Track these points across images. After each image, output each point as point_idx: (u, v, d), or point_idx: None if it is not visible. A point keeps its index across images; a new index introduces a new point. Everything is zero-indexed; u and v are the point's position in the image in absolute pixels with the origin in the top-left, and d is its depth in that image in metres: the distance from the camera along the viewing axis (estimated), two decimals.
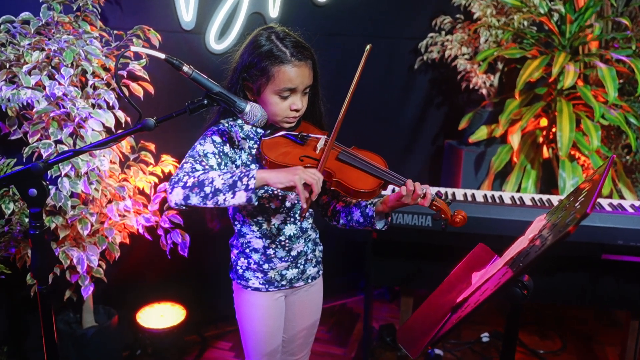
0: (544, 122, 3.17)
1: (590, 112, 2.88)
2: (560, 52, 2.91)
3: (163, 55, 1.30)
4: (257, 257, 1.62)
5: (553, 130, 3.08)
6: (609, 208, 2.31)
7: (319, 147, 1.52)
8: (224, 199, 1.32)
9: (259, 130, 1.56)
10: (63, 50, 1.98)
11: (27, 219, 2.00)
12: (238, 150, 1.53)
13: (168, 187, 1.36)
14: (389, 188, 2.35)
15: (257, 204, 1.34)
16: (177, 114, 1.35)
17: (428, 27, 3.29)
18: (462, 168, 3.28)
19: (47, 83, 1.97)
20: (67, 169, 1.96)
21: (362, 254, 3.22)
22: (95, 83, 2.12)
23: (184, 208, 1.36)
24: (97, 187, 2.06)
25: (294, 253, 1.63)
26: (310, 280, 1.72)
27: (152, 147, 2.33)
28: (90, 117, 2.01)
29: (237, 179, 1.32)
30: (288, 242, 1.61)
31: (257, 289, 1.64)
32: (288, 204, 1.57)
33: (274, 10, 2.74)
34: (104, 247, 2.15)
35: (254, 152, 1.54)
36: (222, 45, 2.65)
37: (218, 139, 1.49)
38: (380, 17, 3.14)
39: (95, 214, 2.09)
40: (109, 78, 2.16)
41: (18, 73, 1.96)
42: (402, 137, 3.52)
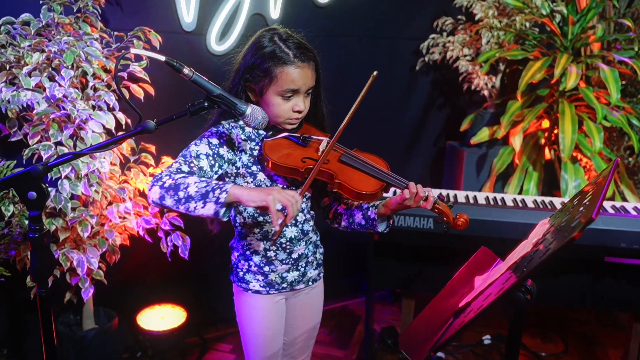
0: (546, 123, 3.16)
1: (593, 113, 2.86)
2: (563, 53, 2.90)
3: (163, 58, 1.30)
4: (257, 259, 1.61)
5: (555, 132, 3.07)
6: (612, 210, 2.29)
7: (321, 148, 1.51)
8: (195, 207, 1.29)
9: (261, 132, 1.55)
10: (63, 52, 1.97)
11: (27, 221, 1.98)
12: (238, 152, 1.52)
13: (149, 183, 1.36)
14: (391, 190, 2.34)
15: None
16: (177, 117, 1.34)
17: (429, 28, 3.28)
18: (463, 170, 3.27)
19: (47, 85, 1.96)
20: (67, 171, 1.95)
21: (363, 256, 3.21)
22: (96, 85, 2.12)
23: (160, 207, 1.34)
24: (97, 189, 2.06)
25: (295, 255, 1.62)
26: (311, 283, 1.71)
27: (152, 148, 2.32)
28: (91, 118, 2.01)
29: (210, 190, 1.29)
30: (289, 244, 1.60)
31: (257, 292, 1.63)
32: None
33: (275, 12, 2.74)
34: (104, 249, 2.14)
35: (256, 153, 1.53)
36: (223, 47, 2.64)
37: (215, 141, 1.48)
38: (382, 17, 3.13)
39: (96, 216, 2.09)
40: (110, 79, 2.15)
41: (18, 74, 1.95)
42: (403, 138, 3.51)
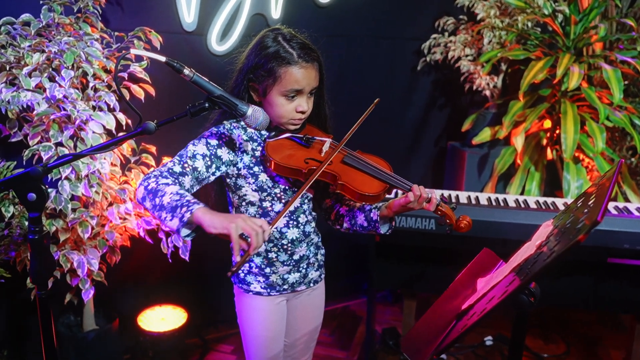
0: (548, 123, 3.14)
1: (595, 113, 2.85)
2: (565, 53, 2.89)
3: (164, 58, 1.29)
4: (258, 260, 1.60)
5: (557, 132, 3.06)
6: (615, 211, 2.28)
7: (324, 149, 1.51)
8: (165, 217, 1.28)
9: (263, 133, 1.54)
10: (63, 52, 1.97)
11: (27, 223, 1.98)
12: (239, 153, 1.51)
13: (140, 179, 1.35)
14: (393, 192, 2.33)
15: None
16: (177, 118, 1.33)
17: (431, 28, 3.27)
18: (465, 170, 3.25)
19: (47, 85, 1.95)
20: (67, 172, 1.95)
21: (364, 256, 3.19)
22: (96, 85, 2.11)
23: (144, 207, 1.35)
24: (97, 189, 2.05)
25: (296, 257, 1.61)
26: (312, 284, 1.70)
27: (153, 149, 2.31)
28: (91, 119, 2.00)
29: (179, 205, 1.26)
30: (290, 245, 1.59)
31: (258, 293, 1.62)
32: (291, 207, 1.56)
33: (276, 12, 2.73)
34: (105, 250, 2.13)
35: (258, 154, 1.52)
36: (224, 47, 2.64)
37: (214, 142, 1.47)
38: (383, 17, 3.12)
39: (96, 217, 2.08)
40: (110, 80, 2.14)
41: (18, 75, 1.94)
42: (404, 138, 3.50)
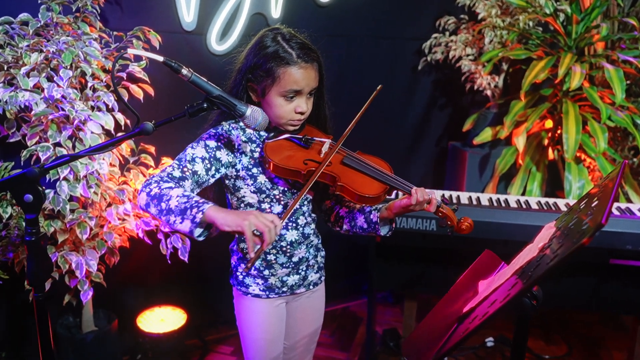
0: (549, 123, 3.13)
1: (597, 113, 2.83)
2: (566, 52, 2.87)
3: (161, 58, 1.27)
4: (257, 263, 1.58)
5: (558, 132, 3.04)
6: (617, 212, 2.27)
7: (324, 150, 1.49)
8: (174, 221, 1.27)
9: (262, 133, 1.53)
10: (62, 52, 1.95)
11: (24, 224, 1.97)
12: (238, 154, 1.50)
13: (141, 186, 1.34)
14: (394, 192, 2.32)
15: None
16: (176, 118, 1.32)
17: (432, 27, 3.26)
18: (466, 170, 3.24)
19: (45, 85, 1.94)
20: (65, 173, 1.93)
21: (364, 257, 3.18)
22: (95, 85, 2.09)
23: (148, 213, 1.34)
24: (96, 190, 2.03)
25: (295, 259, 1.60)
26: (312, 287, 1.69)
27: (152, 149, 2.30)
28: (90, 119, 1.99)
29: (189, 207, 1.26)
30: (289, 248, 1.57)
31: (257, 296, 1.61)
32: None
33: (276, 11, 2.71)
34: (103, 251, 2.12)
35: (256, 155, 1.51)
36: (223, 46, 2.62)
37: (212, 143, 1.45)
38: (384, 17, 3.10)
39: (95, 218, 2.07)
40: (109, 80, 2.13)
41: (16, 75, 1.93)
42: (405, 138, 3.49)
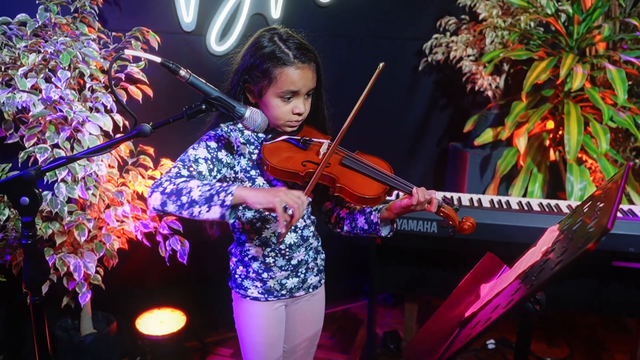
0: (551, 124, 3.11)
1: (598, 114, 2.82)
2: (568, 53, 2.85)
3: (159, 59, 1.26)
4: (256, 265, 1.57)
5: (560, 133, 3.02)
6: (620, 214, 2.25)
7: (322, 151, 1.47)
8: (199, 211, 1.27)
9: (260, 135, 1.51)
10: (60, 53, 1.94)
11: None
12: (237, 156, 1.48)
13: (149, 190, 1.32)
14: (394, 193, 2.30)
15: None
16: (174, 120, 1.30)
17: (432, 28, 3.24)
18: (467, 171, 3.22)
19: (43, 86, 1.93)
20: (63, 174, 1.92)
21: (365, 258, 3.17)
22: (93, 86, 2.08)
23: (162, 214, 1.32)
24: (94, 192, 2.02)
25: (294, 262, 1.58)
26: (312, 290, 1.67)
27: (151, 150, 2.29)
28: (88, 120, 1.97)
29: (214, 193, 1.26)
30: (288, 250, 1.56)
31: (255, 299, 1.59)
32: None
33: (276, 11, 2.70)
34: (102, 253, 2.10)
35: (255, 157, 1.49)
36: (223, 47, 2.61)
37: (213, 145, 1.44)
38: (384, 17, 3.09)
39: (93, 220, 2.05)
40: (107, 81, 2.11)
41: (14, 76, 1.91)
42: (406, 139, 3.47)
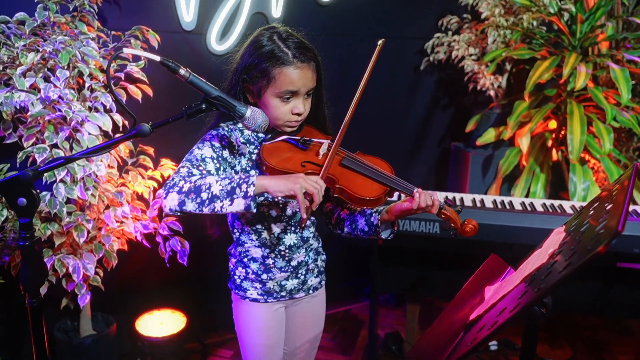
0: (554, 124, 3.09)
1: (602, 114, 2.80)
2: (571, 52, 2.83)
3: (158, 58, 1.24)
4: (255, 266, 1.55)
5: (563, 133, 3.00)
6: None
7: (322, 152, 1.45)
8: (222, 206, 1.26)
9: (260, 135, 1.50)
10: (59, 52, 1.92)
11: None
12: (238, 156, 1.47)
13: (162, 191, 1.31)
14: (395, 194, 2.29)
15: (255, 212, 1.28)
16: (173, 119, 1.29)
17: (434, 27, 3.22)
18: (469, 171, 3.20)
19: (42, 85, 1.91)
20: (62, 175, 1.90)
21: (366, 259, 3.15)
22: (92, 85, 2.06)
23: (179, 214, 1.30)
24: (94, 192, 2.00)
25: (294, 263, 1.57)
26: (312, 291, 1.65)
27: (151, 151, 2.27)
28: (87, 120, 1.95)
29: (235, 186, 1.26)
30: (288, 251, 1.54)
31: (255, 300, 1.58)
32: (289, 212, 1.51)
33: (277, 10, 2.68)
34: (101, 254, 2.08)
35: (254, 157, 1.48)
36: (223, 46, 2.59)
37: (217, 144, 1.43)
38: (385, 16, 3.07)
39: (92, 221, 2.03)
40: (106, 80, 2.10)
41: (12, 75, 1.89)
42: (407, 139, 3.45)
